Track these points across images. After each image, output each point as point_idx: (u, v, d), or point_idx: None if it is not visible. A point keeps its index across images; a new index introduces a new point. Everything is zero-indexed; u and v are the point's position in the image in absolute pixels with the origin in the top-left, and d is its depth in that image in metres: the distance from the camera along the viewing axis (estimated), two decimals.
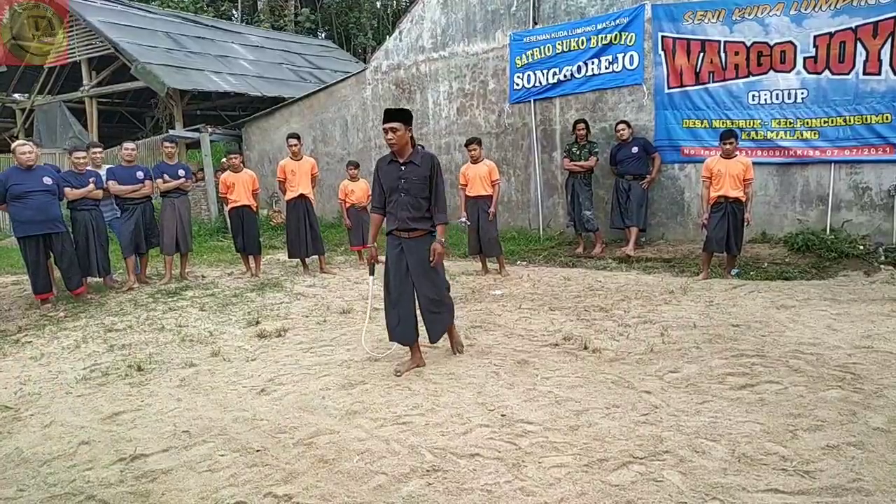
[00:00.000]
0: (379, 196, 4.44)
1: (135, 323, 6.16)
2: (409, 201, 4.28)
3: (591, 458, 2.98)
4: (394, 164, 4.32)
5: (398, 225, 4.32)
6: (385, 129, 4.20)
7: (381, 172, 4.38)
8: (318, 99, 13.07)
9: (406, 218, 4.29)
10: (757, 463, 2.85)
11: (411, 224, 4.30)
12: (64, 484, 3.04)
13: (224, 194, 8.67)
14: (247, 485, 2.92)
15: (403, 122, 4.21)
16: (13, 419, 3.91)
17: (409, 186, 4.26)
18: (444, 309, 4.51)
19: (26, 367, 4.98)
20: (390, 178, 4.31)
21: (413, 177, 4.26)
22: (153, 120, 18.33)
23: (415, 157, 4.29)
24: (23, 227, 6.80)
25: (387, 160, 4.37)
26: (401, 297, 4.37)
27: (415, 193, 4.27)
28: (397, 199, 4.30)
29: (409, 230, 4.32)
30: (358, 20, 27.18)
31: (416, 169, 4.27)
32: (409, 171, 4.27)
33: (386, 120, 4.21)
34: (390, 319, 4.44)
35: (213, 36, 17.48)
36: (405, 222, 4.30)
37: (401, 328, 4.39)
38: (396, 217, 4.32)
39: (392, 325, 4.43)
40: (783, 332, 4.85)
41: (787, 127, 7.84)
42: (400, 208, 4.30)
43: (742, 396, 3.64)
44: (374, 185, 4.47)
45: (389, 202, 4.36)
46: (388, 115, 4.23)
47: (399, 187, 4.27)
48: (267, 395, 4.08)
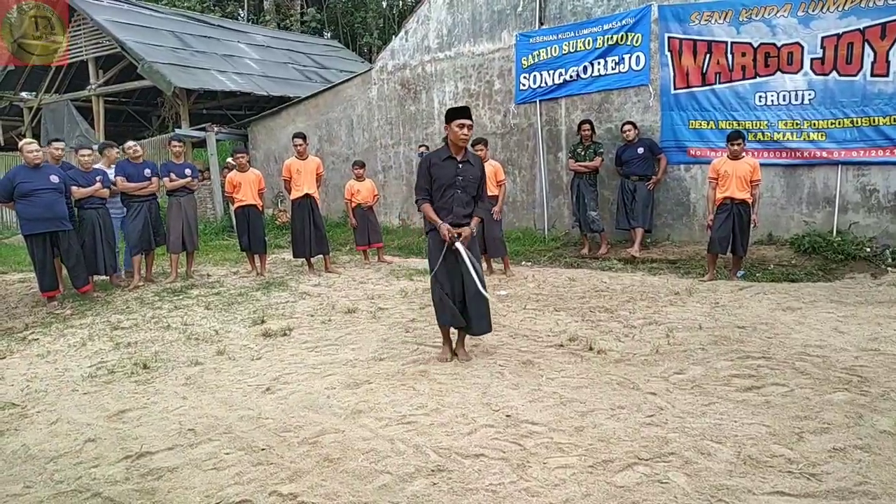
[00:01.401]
0: (425, 190, 4.53)
1: (141, 321, 6.18)
2: (464, 198, 4.46)
3: (597, 459, 2.97)
4: (451, 161, 4.45)
5: (452, 220, 4.43)
6: (463, 125, 4.34)
7: (436, 168, 4.46)
8: (324, 98, 13.09)
9: (461, 214, 4.46)
10: (763, 465, 2.84)
11: (464, 220, 4.47)
12: (70, 481, 3.05)
13: (230, 193, 8.69)
14: (252, 483, 2.93)
15: (468, 118, 4.39)
16: (20, 416, 3.93)
17: (466, 184, 4.45)
18: (487, 301, 4.60)
19: (33, 364, 5.00)
20: (446, 174, 4.43)
21: (469, 175, 4.46)
22: (159, 119, 18.39)
23: (469, 157, 4.49)
24: (30, 224, 6.83)
25: (441, 156, 4.48)
26: (452, 288, 4.49)
27: (469, 191, 4.47)
28: (453, 194, 4.44)
29: (459, 225, 4.44)
30: (364, 20, 27.21)
31: (472, 168, 4.48)
32: (465, 170, 4.45)
33: (464, 115, 4.36)
34: (442, 305, 4.51)
35: (220, 35, 17.53)
36: (459, 217, 4.45)
37: (453, 314, 4.50)
38: (451, 212, 4.44)
39: (444, 311, 4.51)
40: (789, 334, 4.83)
41: (794, 128, 7.82)
42: (456, 203, 4.44)
43: (748, 398, 3.63)
44: (421, 180, 4.56)
45: (442, 197, 4.46)
46: (466, 112, 4.38)
47: (456, 184, 4.43)
48: (272, 394, 4.09)
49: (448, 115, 4.43)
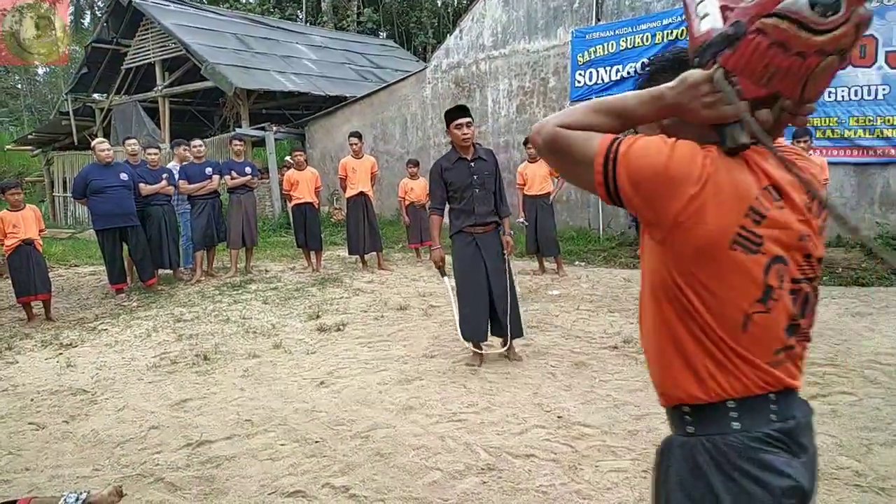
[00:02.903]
0: (441, 198, 4.47)
1: (202, 314, 6.40)
2: (484, 196, 4.39)
3: (651, 463, 2.90)
4: (462, 162, 4.38)
5: (475, 220, 4.37)
6: (461, 125, 4.26)
7: (448, 173, 4.39)
8: (379, 98, 13.23)
9: (484, 212, 4.39)
10: (828, 477, 2.72)
11: (488, 218, 4.41)
12: (135, 466, 3.19)
13: (287, 191, 8.89)
14: (306, 475, 2.99)
15: (468, 116, 4.29)
16: (90, 402, 4.13)
17: (483, 181, 4.37)
18: (517, 302, 4.54)
19: (102, 353, 5.25)
20: (461, 176, 4.36)
21: (485, 171, 4.39)
22: (221, 118, 18.96)
23: (480, 153, 4.42)
24: (101, 220, 7.17)
25: (451, 160, 4.41)
26: (478, 296, 4.41)
27: (488, 187, 4.39)
28: (472, 195, 4.37)
29: (484, 224, 4.38)
30: (419, 19, 27.37)
31: (485, 164, 4.41)
32: (479, 167, 4.38)
33: (462, 114, 4.29)
34: (466, 318, 4.47)
35: (279, 37, 17.94)
36: (483, 217, 4.39)
37: (477, 328, 4.44)
38: (473, 213, 4.38)
39: (467, 323, 4.46)
40: (859, 340, 4.61)
41: (867, 125, 7.44)
42: (477, 203, 4.37)
43: (813, 407, 3.47)
44: (435, 188, 4.49)
45: (462, 200, 4.39)
46: (464, 110, 4.33)
47: (473, 183, 4.36)
48: (326, 388, 4.17)
49: (446, 118, 4.34)
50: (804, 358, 1.19)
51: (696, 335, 1.13)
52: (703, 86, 1.07)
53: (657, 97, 1.13)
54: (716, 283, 1.11)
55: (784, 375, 1.14)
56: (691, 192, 1.08)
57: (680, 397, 1.18)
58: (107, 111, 17.31)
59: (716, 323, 1.11)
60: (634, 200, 1.13)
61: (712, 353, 1.13)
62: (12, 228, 6.44)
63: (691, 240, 1.10)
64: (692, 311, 1.13)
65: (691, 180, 1.08)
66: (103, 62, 16.75)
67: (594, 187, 1.16)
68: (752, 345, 1.11)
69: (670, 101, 1.11)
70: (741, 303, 1.11)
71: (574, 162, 1.18)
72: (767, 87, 1.06)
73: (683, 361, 1.16)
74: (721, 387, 1.13)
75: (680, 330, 1.15)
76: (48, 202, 18.09)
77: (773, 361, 1.13)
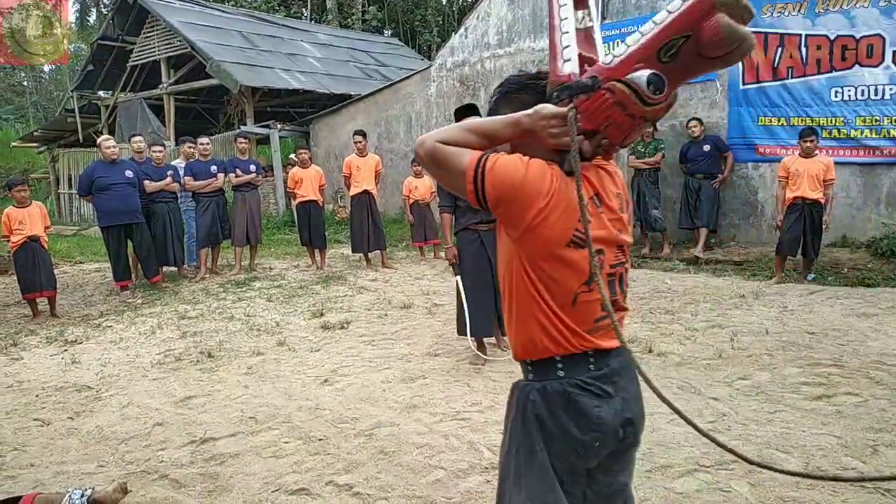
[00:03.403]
0: (449, 196, 4.46)
1: (206, 311, 6.41)
2: None
3: (655, 464, 2.90)
4: None
5: (480, 218, 4.37)
6: None
7: None
8: (384, 96, 13.23)
9: None
10: None
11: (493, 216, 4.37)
12: (140, 462, 3.20)
13: (292, 189, 8.90)
14: (309, 472, 2.99)
15: (477, 115, 4.24)
16: (95, 399, 4.14)
17: None
18: None
19: (107, 350, 5.27)
20: None
21: None
22: (225, 116, 18.99)
23: None
24: (107, 217, 7.19)
25: None
26: (483, 292, 4.42)
27: None
28: None
29: (489, 221, 4.36)
30: (424, 17, 27.34)
31: None
32: None
33: (472, 113, 4.19)
34: (472, 315, 4.46)
35: (284, 34, 17.94)
36: (488, 214, 4.32)
37: (482, 323, 4.46)
38: (479, 210, 4.32)
39: (474, 320, 4.47)
40: (864, 341, 4.59)
41: (873, 125, 7.40)
42: None
43: (818, 407, 3.47)
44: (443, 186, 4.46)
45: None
46: (473, 109, 4.24)
47: None
48: (330, 386, 4.17)
49: (456, 115, 4.20)
50: (622, 323, 1.50)
51: (540, 309, 1.47)
52: (554, 119, 1.37)
53: (516, 123, 1.43)
54: (555, 272, 1.44)
55: (600, 340, 1.49)
56: (541, 204, 1.40)
57: (526, 355, 1.55)
58: (112, 108, 17.35)
59: (553, 301, 1.46)
60: (498, 208, 1.44)
61: (549, 322, 1.46)
62: (18, 225, 6.46)
63: (539, 240, 1.43)
64: (536, 291, 1.46)
65: (542, 195, 1.40)
66: (109, 59, 16.78)
67: (466, 194, 1.45)
68: (577, 318, 1.47)
69: (526, 126, 1.41)
70: (572, 286, 1.45)
71: (450, 173, 1.46)
72: (601, 131, 1.38)
73: (528, 328, 1.50)
74: (552, 348, 1.48)
75: (527, 305, 1.49)
76: (53, 199, 18.14)
77: (592, 329, 1.48)
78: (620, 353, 1.53)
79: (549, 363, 1.50)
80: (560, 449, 1.47)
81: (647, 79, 1.30)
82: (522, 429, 1.53)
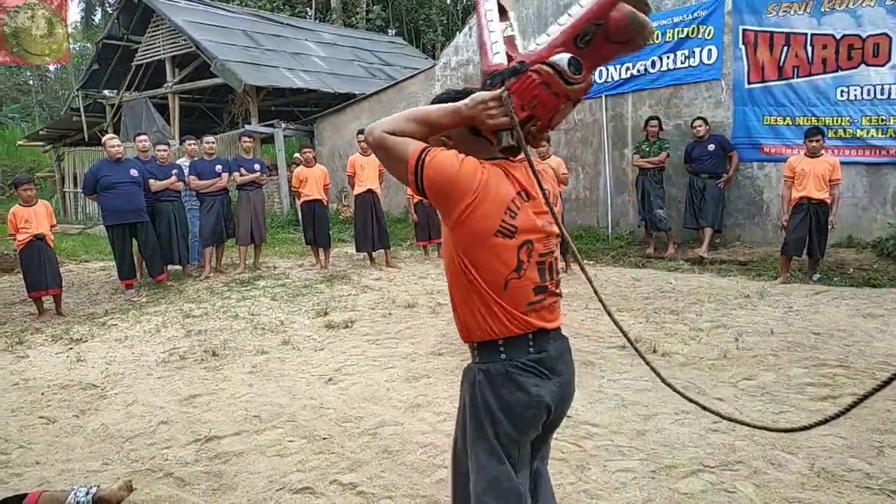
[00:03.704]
0: None
1: (210, 310, 6.42)
2: None
3: (659, 464, 2.90)
4: None
5: None
6: None
7: None
8: (388, 95, 13.23)
9: None
10: (838, 479, 2.70)
11: None
12: (144, 460, 3.21)
13: (296, 188, 8.91)
14: (314, 471, 3.00)
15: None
16: (100, 397, 4.15)
17: None
18: None
19: (112, 348, 5.28)
20: None
21: None
22: (230, 115, 19.02)
23: None
24: (112, 216, 7.22)
25: None
26: None
27: None
28: None
29: None
30: (428, 17, 27.35)
31: None
32: None
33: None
34: None
35: (288, 34, 17.96)
36: None
37: None
38: None
39: None
40: (870, 342, 4.57)
41: (880, 124, 7.36)
42: None
43: (823, 408, 3.46)
44: None
45: None
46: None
47: None
48: (334, 385, 4.18)
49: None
50: (557, 307, 1.71)
51: (475, 290, 1.62)
52: (491, 101, 1.53)
53: (455, 111, 1.57)
54: (486, 259, 1.59)
55: (537, 320, 1.64)
56: (470, 198, 1.54)
57: (470, 337, 1.70)
58: (117, 107, 17.40)
59: (487, 286, 1.60)
60: (435, 200, 1.59)
61: (487, 306, 1.62)
62: (24, 223, 6.49)
63: (470, 230, 1.58)
64: (472, 277, 1.61)
65: (472, 190, 1.54)
66: (114, 59, 16.84)
67: (408, 183, 1.58)
68: (510, 300, 1.61)
69: (465, 113, 1.56)
70: (503, 272, 1.60)
71: (395, 161, 1.58)
72: (531, 111, 1.53)
73: (470, 312, 1.65)
74: (493, 330, 1.63)
75: (467, 290, 1.64)
76: (59, 197, 18.21)
77: (527, 311, 1.63)
78: (558, 339, 1.71)
79: (491, 346, 1.65)
80: (504, 425, 1.62)
81: (567, 60, 1.49)
82: (471, 408, 1.67)
